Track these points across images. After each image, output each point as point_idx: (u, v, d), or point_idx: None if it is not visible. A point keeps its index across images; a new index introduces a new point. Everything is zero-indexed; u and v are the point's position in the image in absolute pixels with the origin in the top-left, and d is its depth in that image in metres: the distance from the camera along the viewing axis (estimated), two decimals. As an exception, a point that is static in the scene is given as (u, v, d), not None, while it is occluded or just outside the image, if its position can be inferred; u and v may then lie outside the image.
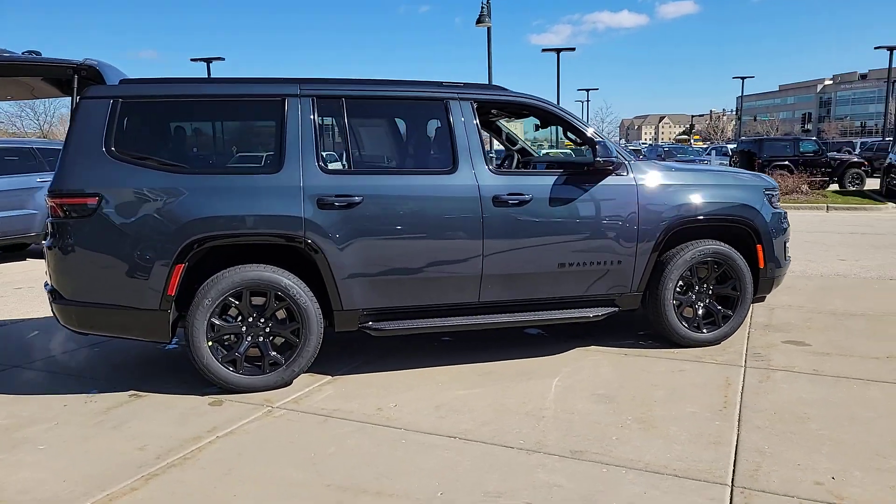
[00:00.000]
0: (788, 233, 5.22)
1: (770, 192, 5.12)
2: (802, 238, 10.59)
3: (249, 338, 4.17)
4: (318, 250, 4.13)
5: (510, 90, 4.79)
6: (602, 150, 4.52)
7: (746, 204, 4.90)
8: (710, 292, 4.97)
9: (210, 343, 4.08)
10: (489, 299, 4.53)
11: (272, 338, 4.22)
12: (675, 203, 4.73)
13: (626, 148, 5.90)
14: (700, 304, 4.95)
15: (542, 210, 4.49)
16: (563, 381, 4.29)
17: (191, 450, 3.40)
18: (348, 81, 4.47)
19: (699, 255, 4.81)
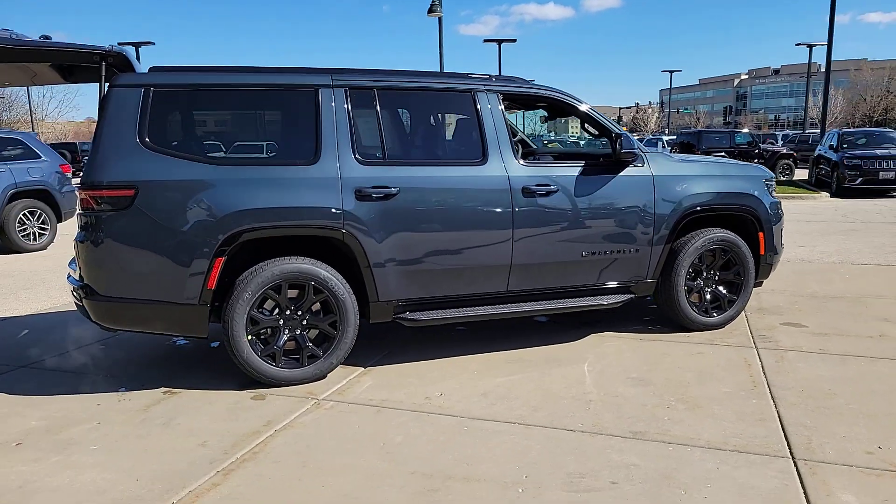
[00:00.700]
0: (783, 221, 5.53)
1: (769, 182, 5.41)
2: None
3: (287, 331, 4.13)
4: (356, 241, 4.13)
5: (534, 82, 4.89)
6: (625, 142, 4.67)
7: (751, 193, 5.16)
8: (717, 278, 5.21)
9: (249, 337, 4.03)
10: (516, 288, 4.63)
11: (308, 330, 4.19)
12: (689, 192, 4.93)
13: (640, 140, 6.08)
14: (707, 289, 5.19)
15: (568, 200, 4.61)
16: (594, 367, 4.43)
17: (255, 444, 3.36)
18: (378, 72, 4.47)
19: (709, 242, 5.04)
